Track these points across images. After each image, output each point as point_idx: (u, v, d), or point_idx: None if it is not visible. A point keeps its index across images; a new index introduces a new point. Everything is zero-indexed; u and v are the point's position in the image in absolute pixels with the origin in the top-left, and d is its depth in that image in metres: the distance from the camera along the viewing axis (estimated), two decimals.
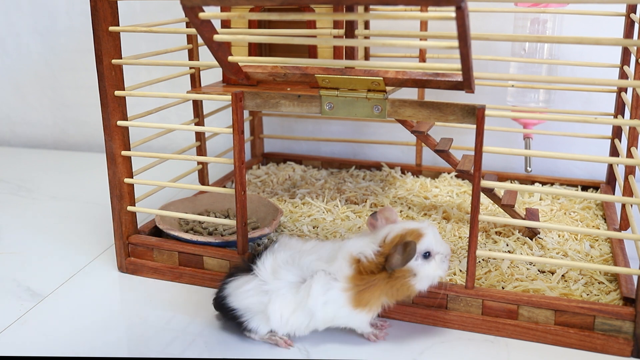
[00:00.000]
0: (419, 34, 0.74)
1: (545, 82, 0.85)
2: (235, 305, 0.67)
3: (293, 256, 0.67)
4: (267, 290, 0.65)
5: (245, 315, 0.67)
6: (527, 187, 0.69)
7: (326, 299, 0.64)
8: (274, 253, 0.68)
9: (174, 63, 0.82)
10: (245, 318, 0.67)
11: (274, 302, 0.65)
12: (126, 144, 0.83)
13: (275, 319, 0.65)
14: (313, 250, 0.67)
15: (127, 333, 0.72)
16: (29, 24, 1.43)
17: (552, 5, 0.90)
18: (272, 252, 0.68)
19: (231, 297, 0.67)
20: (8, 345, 0.69)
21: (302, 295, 0.64)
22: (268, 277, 0.66)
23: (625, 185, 0.88)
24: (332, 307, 0.64)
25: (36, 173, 1.30)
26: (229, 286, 0.68)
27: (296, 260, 0.66)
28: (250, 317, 0.67)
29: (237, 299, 0.67)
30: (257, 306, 0.66)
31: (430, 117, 0.70)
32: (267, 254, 0.68)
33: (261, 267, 0.66)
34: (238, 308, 0.67)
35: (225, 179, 1.11)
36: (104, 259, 0.90)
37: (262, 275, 0.66)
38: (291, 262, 0.66)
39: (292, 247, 0.69)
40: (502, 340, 0.69)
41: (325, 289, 0.64)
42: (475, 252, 0.69)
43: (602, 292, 0.73)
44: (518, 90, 1.01)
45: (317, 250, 0.67)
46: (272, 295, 0.65)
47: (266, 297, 0.65)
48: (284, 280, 0.65)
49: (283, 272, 0.66)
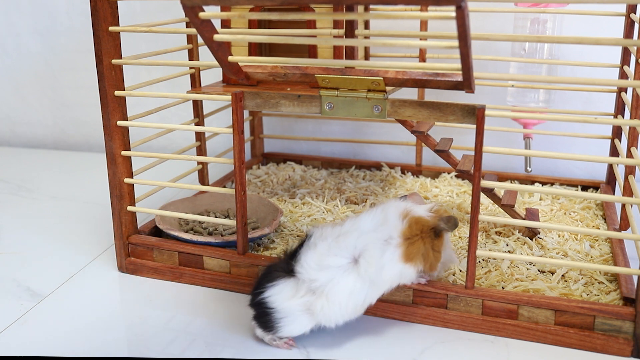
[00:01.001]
0: (419, 33, 0.74)
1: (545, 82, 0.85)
2: (276, 306, 0.65)
3: (334, 242, 0.66)
4: (316, 288, 0.64)
5: (285, 318, 0.65)
6: (527, 187, 0.69)
7: (383, 262, 0.66)
8: (313, 247, 0.66)
9: (174, 63, 0.82)
10: (284, 321, 0.65)
11: (331, 294, 0.64)
12: (126, 144, 0.83)
13: (333, 310, 0.64)
14: (352, 228, 0.67)
15: (127, 333, 0.72)
16: (29, 24, 1.43)
17: (552, 5, 0.90)
18: (310, 247, 0.66)
19: (272, 298, 0.65)
20: (8, 345, 0.69)
21: (362, 268, 0.65)
22: (315, 273, 0.64)
23: (625, 185, 0.88)
24: (389, 267, 0.66)
25: (36, 173, 1.30)
26: (271, 289, 0.66)
27: (340, 243, 0.66)
28: (291, 320, 0.65)
29: (278, 300, 0.65)
30: (303, 307, 0.65)
31: (430, 117, 0.71)
32: (305, 250, 0.66)
33: (305, 266, 0.65)
34: (279, 310, 0.65)
35: (225, 179, 1.11)
36: (104, 259, 0.90)
37: (308, 274, 0.65)
38: (335, 247, 0.66)
39: (327, 235, 0.68)
40: (502, 340, 0.69)
41: (381, 252, 0.66)
42: (475, 252, 0.69)
43: (602, 292, 0.73)
44: (518, 90, 1.01)
45: (356, 227, 0.68)
46: (325, 289, 0.64)
47: (314, 297, 0.64)
48: (333, 268, 0.65)
49: (331, 260, 0.65)
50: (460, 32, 0.54)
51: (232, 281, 0.80)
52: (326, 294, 0.64)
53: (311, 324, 0.66)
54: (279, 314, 0.65)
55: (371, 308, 0.73)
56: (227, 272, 0.80)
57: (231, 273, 0.80)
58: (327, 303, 0.64)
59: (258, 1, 0.57)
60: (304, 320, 0.65)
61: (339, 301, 0.65)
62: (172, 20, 0.93)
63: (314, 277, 0.64)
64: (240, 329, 0.71)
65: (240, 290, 0.79)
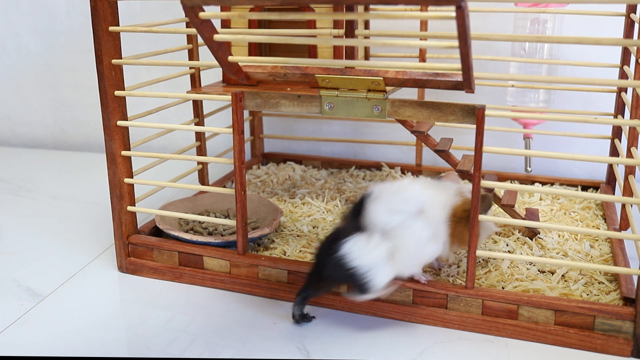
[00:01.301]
0: (419, 33, 0.74)
1: (545, 82, 0.85)
2: (357, 263, 0.66)
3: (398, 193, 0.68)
4: (389, 231, 0.66)
5: (369, 271, 0.66)
6: (527, 187, 0.69)
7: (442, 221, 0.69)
8: (378, 198, 0.68)
9: (174, 63, 0.82)
10: (369, 275, 0.66)
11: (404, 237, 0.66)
12: (126, 144, 0.83)
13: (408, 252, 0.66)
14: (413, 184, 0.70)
15: (127, 333, 0.72)
16: (29, 24, 1.43)
17: (552, 5, 0.90)
18: (375, 199, 0.67)
19: (350, 256, 0.66)
20: (8, 345, 0.69)
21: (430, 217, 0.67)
22: (387, 217, 0.66)
23: (625, 185, 0.88)
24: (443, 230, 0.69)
25: (36, 173, 1.30)
26: (345, 247, 0.66)
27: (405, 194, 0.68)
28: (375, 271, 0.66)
29: (358, 256, 0.66)
30: (382, 256, 0.66)
31: (430, 117, 0.70)
32: (370, 203, 0.67)
33: (376, 213, 0.66)
34: (360, 266, 0.66)
35: (225, 179, 1.11)
36: (104, 259, 0.90)
37: (381, 219, 0.66)
38: (401, 196, 0.68)
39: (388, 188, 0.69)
40: (502, 340, 0.69)
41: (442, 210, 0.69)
42: (475, 252, 0.69)
43: (602, 292, 0.73)
44: (518, 90, 1.01)
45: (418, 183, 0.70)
46: (399, 231, 0.66)
47: (389, 242, 0.66)
48: (403, 213, 0.66)
49: (400, 206, 0.67)
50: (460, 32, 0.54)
51: (232, 281, 0.80)
52: (400, 236, 0.66)
53: (392, 273, 0.67)
54: (362, 269, 0.65)
55: (371, 308, 0.73)
56: (227, 272, 0.80)
57: (231, 273, 0.80)
58: (402, 246, 0.66)
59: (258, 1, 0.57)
60: (386, 269, 0.66)
61: (411, 245, 0.66)
62: (172, 20, 0.93)
63: (387, 220, 0.66)
64: (240, 329, 0.71)
65: (240, 290, 0.79)
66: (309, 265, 0.72)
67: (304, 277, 0.73)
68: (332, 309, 0.75)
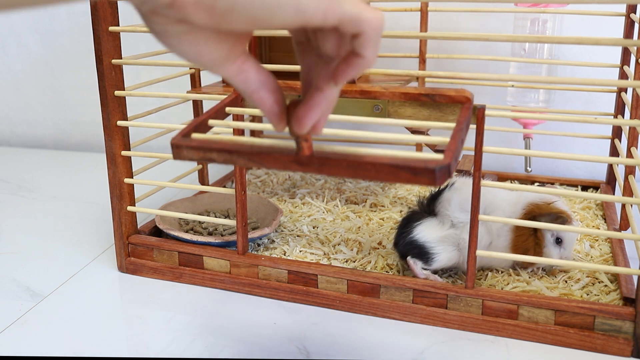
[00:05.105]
0: (419, 34, 0.74)
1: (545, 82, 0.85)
2: (425, 239, 0.75)
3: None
4: (457, 224, 0.75)
5: (435, 248, 0.75)
6: (527, 187, 0.69)
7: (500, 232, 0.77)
8: (458, 190, 0.76)
9: (174, 63, 0.82)
10: (435, 251, 0.75)
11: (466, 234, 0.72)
12: (126, 144, 0.83)
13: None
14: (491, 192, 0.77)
15: (127, 333, 0.72)
16: (29, 24, 1.43)
17: (552, 5, 0.90)
18: (455, 190, 0.76)
19: (421, 234, 0.76)
20: (8, 345, 0.69)
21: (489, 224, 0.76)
22: (457, 213, 0.75)
23: (625, 185, 0.88)
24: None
25: (36, 173, 1.30)
26: (418, 227, 0.77)
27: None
28: (441, 249, 0.75)
29: (428, 234, 0.76)
30: (450, 239, 0.75)
31: (430, 117, 0.70)
32: (449, 192, 0.77)
33: (450, 205, 0.76)
34: (428, 241, 0.75)
35: (225, 179, 1.11)
36: (104, 259, 0.90)
37: (453, 212, 0.75)
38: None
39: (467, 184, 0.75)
40: (502, 340, 0.69)
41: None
42: (475, 252, 0.69)
43: (602, 292, 0.73)
44: (518, 90, 1.01)
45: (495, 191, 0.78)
46: (466, 227, 0.73)
47: (457, 231, 0.75)
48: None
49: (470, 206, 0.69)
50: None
51: (232, 281, 0.80)
52: (466, 231, 0.73)
53: (458, 257, 0.75)
54: (431, 244, 0.75)
55: (371, 308, 0.73)
56: (227, 272, 0.80)
57: (231, 273, 0.80)
58: (465, 239, 0.73)
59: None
60: (454, 252, 0.75)
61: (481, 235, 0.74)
62: None
63: (457, 215, 0.75)
64: (240, 329, 0.71)
65: (240, 290, 0.79)
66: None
67: (304, 276, 0.73)
68: (332, 309, 0.75)
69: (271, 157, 0.41)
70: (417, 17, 1.08)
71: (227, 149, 0.42)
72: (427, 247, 0.75)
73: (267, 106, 0.40)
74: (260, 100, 0.40)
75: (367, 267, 0.80)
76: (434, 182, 0.39)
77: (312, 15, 0.34)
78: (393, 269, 0.80)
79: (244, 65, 0.39)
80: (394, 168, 0.39)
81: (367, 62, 0.37)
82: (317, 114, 0.40)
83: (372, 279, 0.73)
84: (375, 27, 0.36)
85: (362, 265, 0.81)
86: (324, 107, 0.40)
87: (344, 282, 0.75)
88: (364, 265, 0.81)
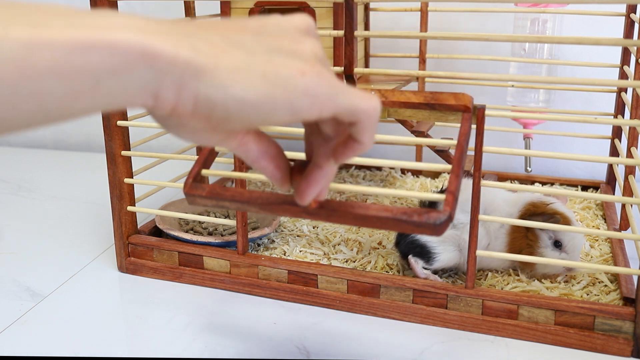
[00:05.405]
0: (419, 34, 0.74)
1: (545, 82, 0.85)
2: (427, 239, 0.76)
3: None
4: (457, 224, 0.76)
5: (437, 248, 0.76)
6: (527, 187, 0.69)
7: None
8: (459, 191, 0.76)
9: None
10: (436, 250, 0.75)
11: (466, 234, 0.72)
12: (126, 144, 0.83)
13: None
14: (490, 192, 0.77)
15: (127, 333, 0.72)
16: None
17: (552, 5, 0.90)
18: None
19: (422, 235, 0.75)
20: (8, 345, 0.69)
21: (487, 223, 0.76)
22: (458, 214, 0.75)
23: (625, 185, 0.88)
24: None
25: (36, 173, 1.30)
26: None
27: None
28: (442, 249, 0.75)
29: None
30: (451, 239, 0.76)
31: (430, 117, 0.70)
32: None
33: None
34: (430, 241, 0.76)
35: (225, 179, 1.11)
36: (104, 259, 0.90)
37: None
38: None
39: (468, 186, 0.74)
40: (502, 340, 0.69)
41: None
42: (475, 252, 0.69)
43: (602, 292, 0.73)
44: (518, 90, 1.01)
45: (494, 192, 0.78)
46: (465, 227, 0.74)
47: (458, 231, 0.75)
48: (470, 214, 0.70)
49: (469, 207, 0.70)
50: None
51: (232, 281, 0.80)
52: (466, 231, 0.73)
53: (458, 258, 0.76)
54: (432, 244, 0.76)
55: (371, 308, 0.73)
56: (227, 272, 0.80)
57: (231, 273, 0.80)
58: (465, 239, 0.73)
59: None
60: (454, 253, 0.76)
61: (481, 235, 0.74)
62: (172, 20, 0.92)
63: (457, 216, 0.75)
64: (240, 329, 0.71)
65: (240, 290, 0.79)
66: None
67: (304, 276, 0.73)
68: (332, 309, 0.75)
69: (282, 207, 0.44)
70: (417, 17, 1.08)
71: (238, 200, 0.45)
72: (428, 246, 0.75)
73: (269, 173, 0.43)
74: (261, 168, 0.42)
75: (367, 267, 0.80)
76: (437, 234, 0.42)
77: (307, 114, 0.36)
78: (393, 269, 0.80)
79: (244, 139, 0.40)
80: (397, 221, 0.42)
81: (364, 147, 0.39)
82: (317, 189, 0.42)
83: (372, 279, 0.73)
84: (370, 116, 0.38)
85: (362, 265, 0.81)
86: (324, 182, 0.42)
87: (344, 282, 0.75)
88: (364, 265, 0.81)
